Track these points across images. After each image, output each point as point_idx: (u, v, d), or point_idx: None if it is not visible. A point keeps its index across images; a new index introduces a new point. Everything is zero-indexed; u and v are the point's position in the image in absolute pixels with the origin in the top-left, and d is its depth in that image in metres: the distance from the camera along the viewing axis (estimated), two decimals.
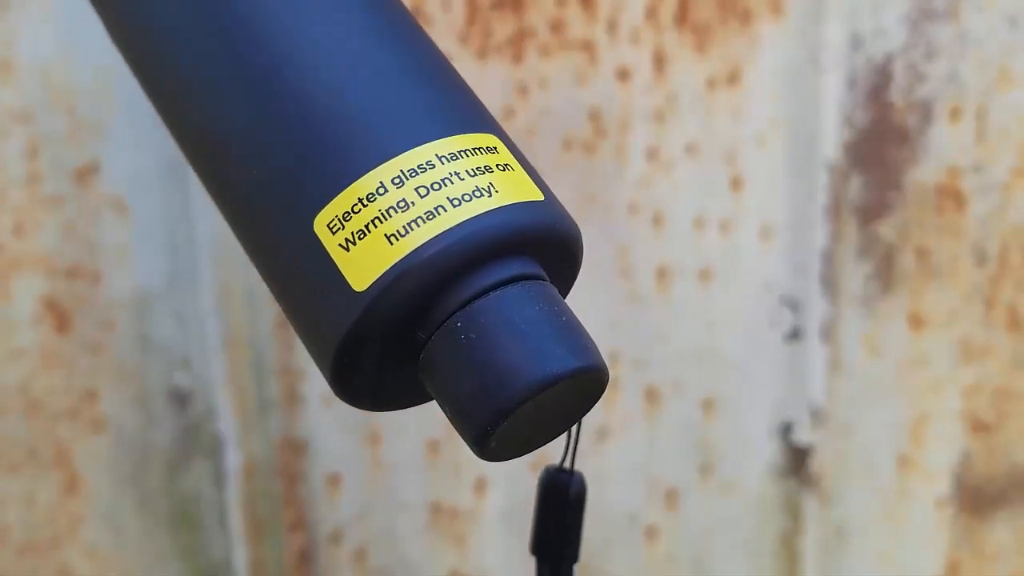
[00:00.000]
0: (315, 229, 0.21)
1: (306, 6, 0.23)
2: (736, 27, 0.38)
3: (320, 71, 0.22)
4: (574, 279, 0.24)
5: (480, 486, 0.42)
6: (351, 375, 0.22)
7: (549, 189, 0.22)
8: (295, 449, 0.41)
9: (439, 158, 0.21)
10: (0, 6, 0.37)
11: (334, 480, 0.42)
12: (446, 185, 0.21)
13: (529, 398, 0.20)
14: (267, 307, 0.40)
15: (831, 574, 0.43)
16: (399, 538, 0.42)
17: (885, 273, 0.40)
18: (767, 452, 0.42)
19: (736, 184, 0.39)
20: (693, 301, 0.40)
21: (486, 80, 0.38)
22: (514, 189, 0.21)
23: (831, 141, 0.39)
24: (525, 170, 0.22)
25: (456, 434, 0.41)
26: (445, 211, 0.21)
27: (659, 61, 0.38)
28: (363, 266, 0.21)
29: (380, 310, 0.21)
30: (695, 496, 0.42)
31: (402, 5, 0.24)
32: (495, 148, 0.22)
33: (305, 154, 0.21)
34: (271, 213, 0.22)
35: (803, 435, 0.41)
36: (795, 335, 0.41)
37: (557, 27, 0.38)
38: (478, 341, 0.20)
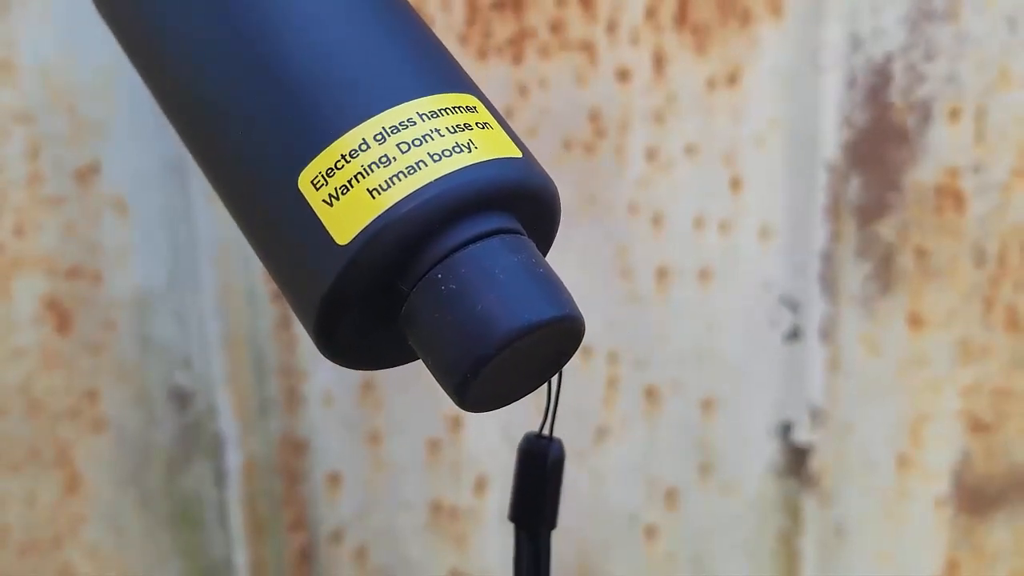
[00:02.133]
0: (299, 186, 0.22)
1: None
2: (736, 28, 0.38)
3: (304, 33, 0.23)
4: (552, 238, 0.24)
5: (480, 486, 0.42)
6: (335, 331, 0.22)
7: (527, 148, 0.23)
8: (295, 448, 0.42)
9: (420, 116, 0.22)
10: (0, 7, 0.37)
11: (334, 479, 0.42)
12: (427, 141, 0.21)
13: (507, 345, 0.21)
14: (268, 307, 0.40)
15: (830, 573, 0.43)
16: (399, 537, 0.42)
17: (884, 273, 0.40)
18: (767, 452, 0.42)
19: (735, 184, 0.39)
20: (692, 301, 0.40)
21: (486, 80, 0.38)
22: (493, 146, 0.22)
23: (830, 141, 0.39)
24: (503, 128, 0.23)
25: (456, 434, 0.41)
26: (426, 166, 0.21)
27: (659, 61, 0.38)
28: (346, 220, 0.21)
29: (364, 262, 0.21)
30: (695, 496, 0.42)
31: None
32: (474, 107, 0.23)
33: (289, 113, 0.22)
34: (257, 172, 0.22)
35: (802, 435, 0.42)
36: (794, 335, 0.41)
37: (557, 27, 0.38)
38: (458, 292, 0.21)
